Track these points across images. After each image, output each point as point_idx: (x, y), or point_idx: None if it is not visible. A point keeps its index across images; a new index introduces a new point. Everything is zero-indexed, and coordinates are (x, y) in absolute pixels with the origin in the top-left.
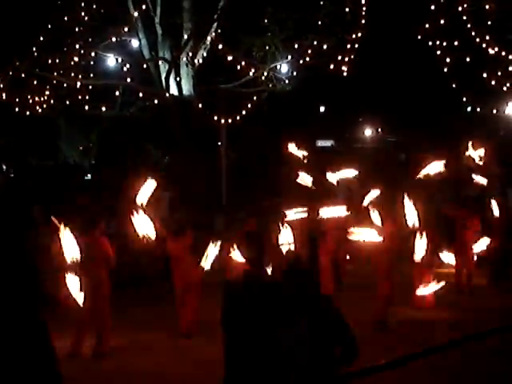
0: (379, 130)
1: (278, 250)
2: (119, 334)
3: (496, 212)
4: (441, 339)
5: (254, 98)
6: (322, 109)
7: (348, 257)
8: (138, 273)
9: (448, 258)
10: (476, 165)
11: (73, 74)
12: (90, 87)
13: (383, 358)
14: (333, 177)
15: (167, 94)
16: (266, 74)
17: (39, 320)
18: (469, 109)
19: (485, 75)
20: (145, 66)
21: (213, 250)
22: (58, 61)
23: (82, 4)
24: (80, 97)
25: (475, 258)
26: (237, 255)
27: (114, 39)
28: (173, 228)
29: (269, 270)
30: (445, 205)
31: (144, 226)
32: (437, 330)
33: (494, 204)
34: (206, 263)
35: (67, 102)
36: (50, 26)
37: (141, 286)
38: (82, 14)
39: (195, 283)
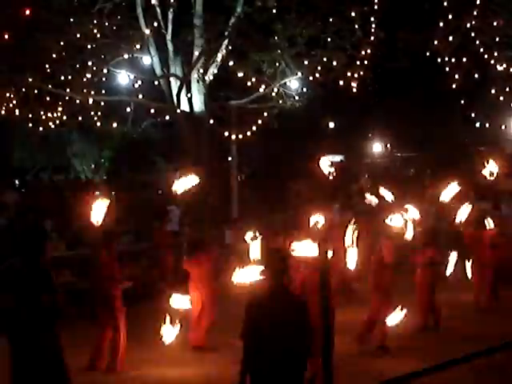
0: (388, 145)
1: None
2: (135, 347)
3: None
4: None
5: (265, 114)
6: (331, 125)
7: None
8: (149, 286)
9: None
10: (488, 180)
11: (85, 91)
12: (102, 103)
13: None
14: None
15: (178, 110)
16: (276, 90)
17: (54, 333)
18: (477, 124)
19: (493, 91)
20: (156, 82)
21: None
22: (70, 77)
23: (95, 21)
24: (92, 113)
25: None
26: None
27: (125, 56)
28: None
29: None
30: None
31: None
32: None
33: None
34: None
35: (79, 118)
36: (62, 43)
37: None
38: (95, 31)
39: (213, 297)
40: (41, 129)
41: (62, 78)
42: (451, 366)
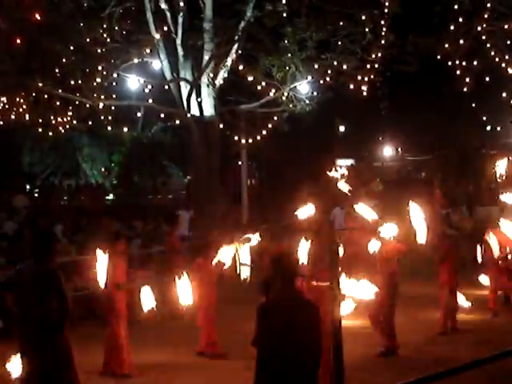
0: (399, 149)
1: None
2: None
3: None
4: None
5: (275, 118)
6: (341, 128)
7: None
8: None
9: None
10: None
11: (95, 95)
12: (112, 108)
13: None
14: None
15: (188, 115)
16: (286, 94)
17: (63, 336)
18: (488, 128)
19: (504, 94)
20: (166, 86)
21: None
22: (80, 82)
23: (104, 26)
24: (102, 117)
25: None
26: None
27: (135, 60)
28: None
29: None
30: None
31: None
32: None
33: None
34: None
35: (89, 123)
36: (72, 48)
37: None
38: (104, 35)
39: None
40: (51, 133)
41: (72, 82)
42: (464, 370)
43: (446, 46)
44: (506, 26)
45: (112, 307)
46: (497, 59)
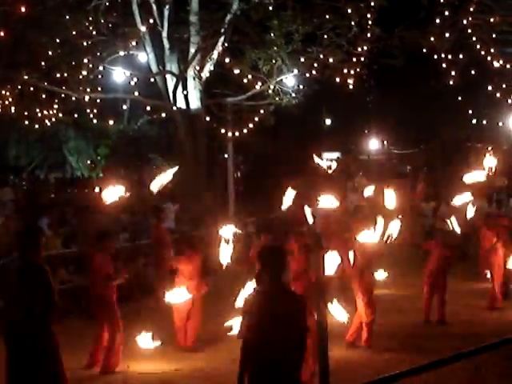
0: (385, 142)
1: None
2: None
3: None
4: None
5: (261, 111)
6: (328, 121)
7: None
8: (146, 284)
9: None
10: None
11: (81, 88)
12: (98, 101)
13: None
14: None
15: (174, 108)
16: (272, 87)
17: (49, 330)
18: (474, 121)
19: (490, 88)
20: (152, 79)
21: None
22: (66, 74)
23: (90, 18)
24: (88, 110)
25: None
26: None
27: (121, 53)
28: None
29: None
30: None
31: None
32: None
33: None
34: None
35: (75, 116)
36: (58, 40)
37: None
38: (90, 28)
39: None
40: (37, 126)
41: (58, 75)
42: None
43: (432, 39)
44: (491, 19)
45: (105, 302)
46: (482, 52)
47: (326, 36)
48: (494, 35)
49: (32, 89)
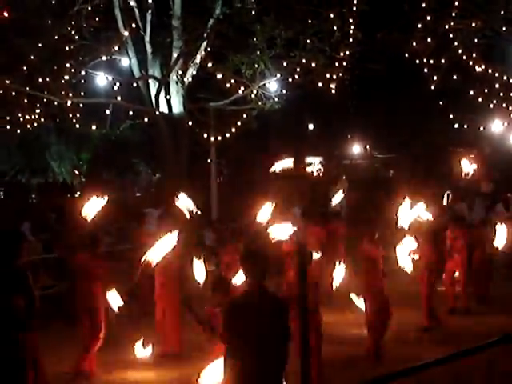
0: (367, 146)
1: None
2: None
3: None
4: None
5: (244, 115)
6: (310, 126)
7: None
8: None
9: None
10: (467, 182)
11: (63, 93)
12: (81, 105)
13: None
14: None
15: (157, 112)
16: (255, 91)
17: (30, 335)
18: (456, 126)
19: (472, 92)
20: (135, 84)
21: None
22: (48, 79)
23: (73, 23)
24: (70, 115)
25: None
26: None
27: (104, 58)
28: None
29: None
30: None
31: None
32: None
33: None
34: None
35: (58, 121)
36: (40, 45)
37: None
38: (73, 32)
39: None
40: (18, 131)
41: (40, 80)
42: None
43: (414, 44)
44: (473, 24)
45: (90, 304)
46: (464, 57)
47: (308, 41)
48: (475, 40)
49: (14, 93)
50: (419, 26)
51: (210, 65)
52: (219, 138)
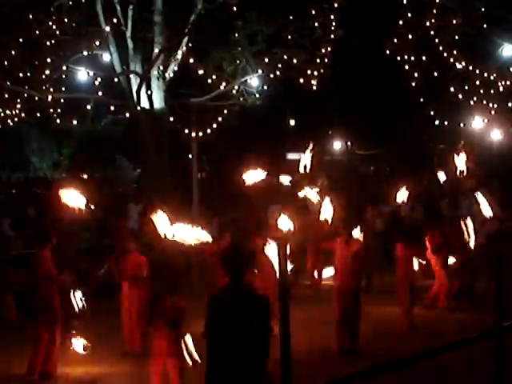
0: (348, 143)
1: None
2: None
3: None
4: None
5: (225, 111)
6: (292, 122)
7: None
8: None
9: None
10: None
11: (44, 88)
12: (62, 101)
13: None
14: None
15: (138, 108)
16: (236, 87)
17: None
18: (437, 122)
19: (452, 89)
20: (116, 79)
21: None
22: (29, 74)
23: (54, 17)
24: (51, 110)
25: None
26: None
27: (85, 53)
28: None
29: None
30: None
31: None
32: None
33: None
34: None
35: (38, 115)
36: (20, 40)
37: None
38: (54, 27)
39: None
40: None
41: (21, 74)
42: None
43: (395, 40)
44: (454, 21)
45: (47, 303)
46: (445, 54)
47: (290, 37)
48: (456, 37)
49: None
50: (400, 22)
51: (191, 60)
52: (200, 133)
